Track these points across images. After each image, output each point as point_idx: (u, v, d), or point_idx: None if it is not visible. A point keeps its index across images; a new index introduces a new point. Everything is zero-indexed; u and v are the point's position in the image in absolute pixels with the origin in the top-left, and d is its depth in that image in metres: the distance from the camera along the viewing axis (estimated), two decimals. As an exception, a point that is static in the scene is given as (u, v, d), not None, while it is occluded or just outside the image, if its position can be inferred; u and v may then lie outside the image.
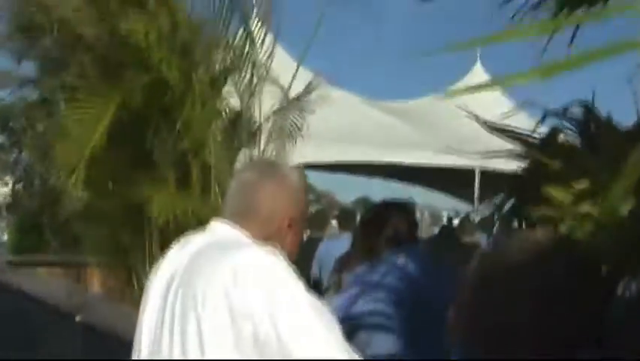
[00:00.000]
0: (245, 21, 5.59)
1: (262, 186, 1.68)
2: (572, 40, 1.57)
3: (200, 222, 1.83)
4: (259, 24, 5.68)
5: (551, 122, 2.11)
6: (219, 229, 1.67)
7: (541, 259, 1.06)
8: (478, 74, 11.20)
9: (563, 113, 2.10)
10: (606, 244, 1.88)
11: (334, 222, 9.01)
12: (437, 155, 8.93)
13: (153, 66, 5.09)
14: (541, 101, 2.11)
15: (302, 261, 1.86)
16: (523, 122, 2.28)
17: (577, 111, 2.09)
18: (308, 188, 1.86)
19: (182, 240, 1.70)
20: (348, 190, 41.91)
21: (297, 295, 1.47)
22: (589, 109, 2.07)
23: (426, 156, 9.03)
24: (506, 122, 2.21)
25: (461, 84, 10.88)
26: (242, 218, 1.65)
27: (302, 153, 8.46)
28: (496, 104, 8.87)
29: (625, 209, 1.85)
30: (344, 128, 9.10)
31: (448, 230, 7.28)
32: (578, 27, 1.56)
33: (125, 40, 5.01)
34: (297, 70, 6.06)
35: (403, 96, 12.48)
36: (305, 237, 5.63)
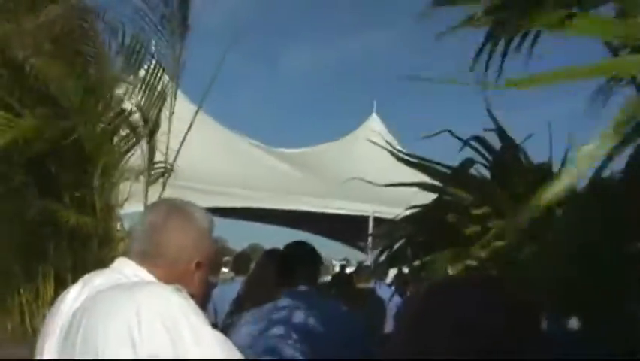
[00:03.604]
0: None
1: (168, 228, 1.66)
2: (503, 59, 1.54)
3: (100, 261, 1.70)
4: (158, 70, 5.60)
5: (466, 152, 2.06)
6: (124, 269, 1.62)
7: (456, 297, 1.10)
8: (375, 122, 11.45)
9: (479, 140, 2.05)
10: (518, 280, 1.82)
11: (225, 269, 8.77)
12: (330, 201, 8.97)
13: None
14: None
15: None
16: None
17: (493, 140, 2.04)
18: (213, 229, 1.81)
19: (84, 278, 1.63)
20: (240, 237, 41.48)
21: (201, 331, 1.44)
22: (506, 137, 2.02)
23: (318, 203, 9.03)
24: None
25: (358, 132, 11.09)
26: (148, 259, 1.63)
27: (191, 198, 8.22)
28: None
29: (529, 248, 1.80)
30: (236, 173, 8.98)
31: (344, 277, 7.35)
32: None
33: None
34: (196, 114, 5.96)
35: (297, 144, 12.58)
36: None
